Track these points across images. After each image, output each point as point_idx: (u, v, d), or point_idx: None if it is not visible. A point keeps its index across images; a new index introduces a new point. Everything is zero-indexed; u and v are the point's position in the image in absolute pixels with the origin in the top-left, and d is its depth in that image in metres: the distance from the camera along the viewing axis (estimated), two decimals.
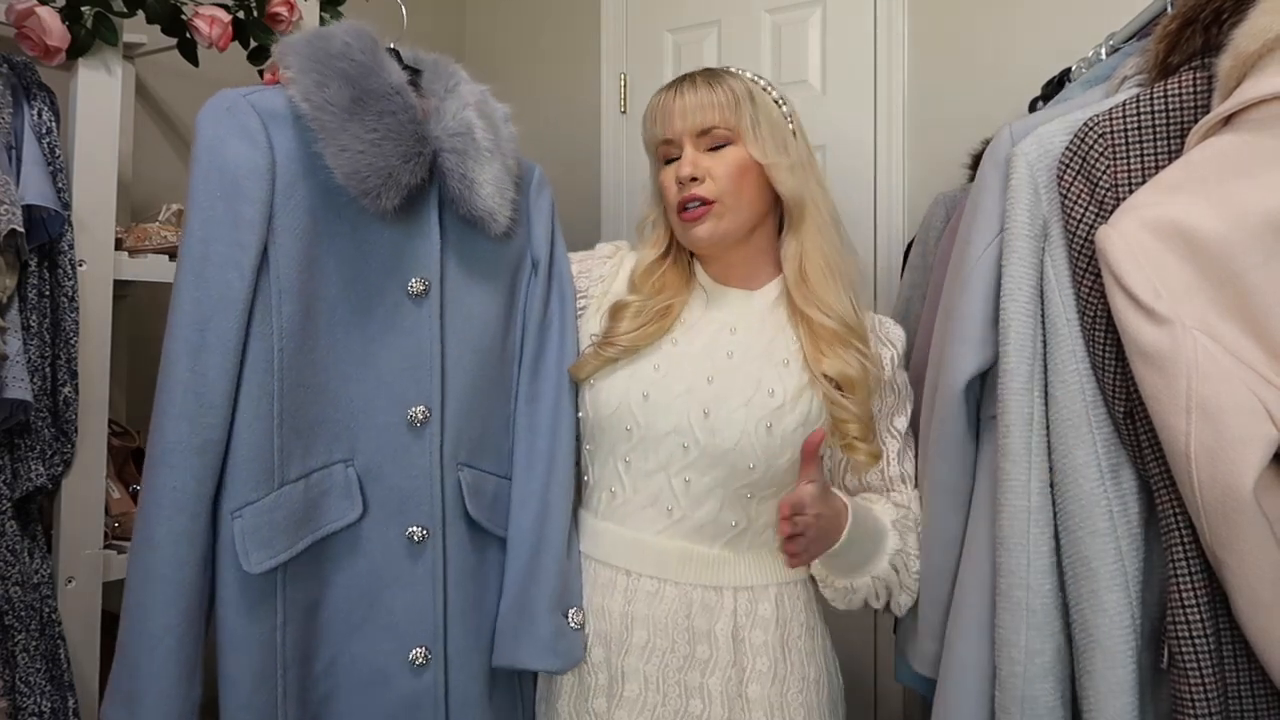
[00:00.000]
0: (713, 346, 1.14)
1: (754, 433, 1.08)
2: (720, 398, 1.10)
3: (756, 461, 1.08)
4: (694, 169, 1.11)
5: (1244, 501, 0.75)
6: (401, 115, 1.00)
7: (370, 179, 0.97)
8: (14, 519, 1.21)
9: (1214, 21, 0.85)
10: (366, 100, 0.98)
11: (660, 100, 1.17)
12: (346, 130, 0.97)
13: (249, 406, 0.96)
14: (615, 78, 2.30)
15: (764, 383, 1.10)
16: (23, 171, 1.22)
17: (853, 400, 1.08)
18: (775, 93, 1.17)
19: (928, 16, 1.92)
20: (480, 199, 1.06)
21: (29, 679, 1.19)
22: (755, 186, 1.13)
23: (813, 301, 1.11)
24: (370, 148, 0.97)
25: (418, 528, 1.05)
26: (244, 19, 1.48)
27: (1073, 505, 0.89)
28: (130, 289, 1.61)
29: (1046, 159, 0.92)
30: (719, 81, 1.13)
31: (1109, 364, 0.87)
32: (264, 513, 0.96)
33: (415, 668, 1.05)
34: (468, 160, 1.05)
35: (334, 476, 1.02)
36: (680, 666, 1.09)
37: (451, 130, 1.05)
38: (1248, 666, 0.82)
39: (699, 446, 1.09)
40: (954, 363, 0.98)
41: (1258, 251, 0.77)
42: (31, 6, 1.23)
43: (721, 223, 1.12)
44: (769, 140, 1.12)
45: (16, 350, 1.17)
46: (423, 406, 1.06)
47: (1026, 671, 0.91)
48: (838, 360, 1.08)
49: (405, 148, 1.00)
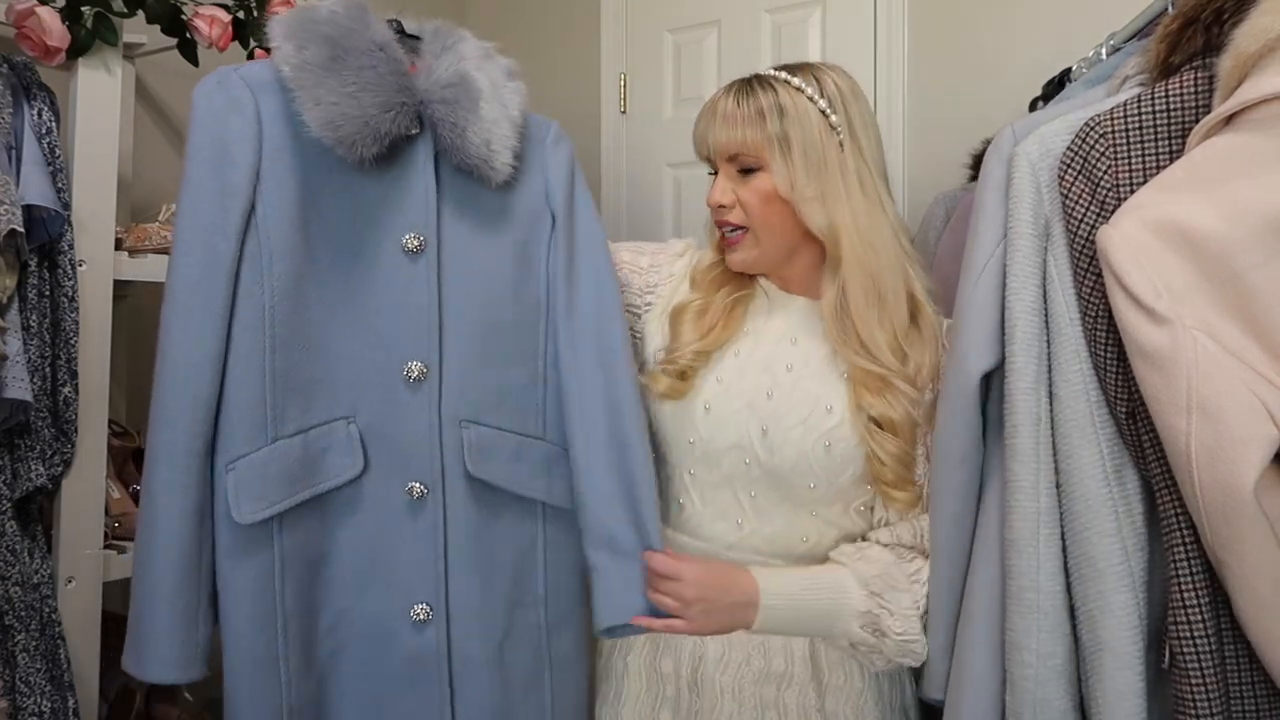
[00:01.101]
0: (772, 359, 1.10)
1: (812, 452, 1.05)
2: (778, 415, 1.07)
3: (817, 481, 1.06)
4: (723, 196, 1.09)
5: (1245, 502, 0.74)
6: (382, 69, 1.01)
7: (344, 127, 0.98)
8: (14, 519, 1.21)
9: (1215, 21, 0.85)
10: (345, 57, 1.00)
11: (701, 112, 1.12)
12: (323, 85, 0.99)
13: (239, 364, 0.98)
14: (615, 78, 2.30)
15: (822, 399, 1.06)
16: (23, 171, 1.22)
17: (891, 441, 1.03)
18: (823, 101, 1.07)
19: (928, 17, 1.93)
20: (472, 145, 1.05)
21: (29, 679, 1.19)
22: (784, 213, 1.08)
23: (851, 343, 1.05)
24: (345, 99, 0.99)
25: (418, 484, 1.05)
26: (244, 19, 1.48)
27: (1079, 506, 0.89)
28: (130, 289, 1.60)
29: (1049, 158, 0.92)
30: (750, 97, 1.07)
31: (1110, 364, 0.87)
32: (257, 466, 0.98)
33: (417, 624, 1.05)
34: (459, 109, 1.05)
35: (335, 433, 1.03)
36: (756, 680, 1.08)
37: (443, 81, 1.05)
38: (1249, 667, 0.82)
39: (759, 464, 1.07)
40: (965, 361, 0.97)
41: (1259, 251, 0.77)
42: (31, 6, 1.23)
43: (756, 250, 1.10)
44: (799, 167, 1.05)
45: (16, 350, 1.17)
46: (419, 363, 1.05)
47: (1039, 675, 0.90)
48: (880, 402, 1.03)
49: (384, 98, 1.00)
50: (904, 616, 1.02)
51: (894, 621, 1.02)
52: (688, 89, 2.20)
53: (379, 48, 1.02)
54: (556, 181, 1.15)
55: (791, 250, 1.11)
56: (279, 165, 1.01)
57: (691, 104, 2.16)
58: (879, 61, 1.96)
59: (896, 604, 1.02)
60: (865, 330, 1.05)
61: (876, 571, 1.03)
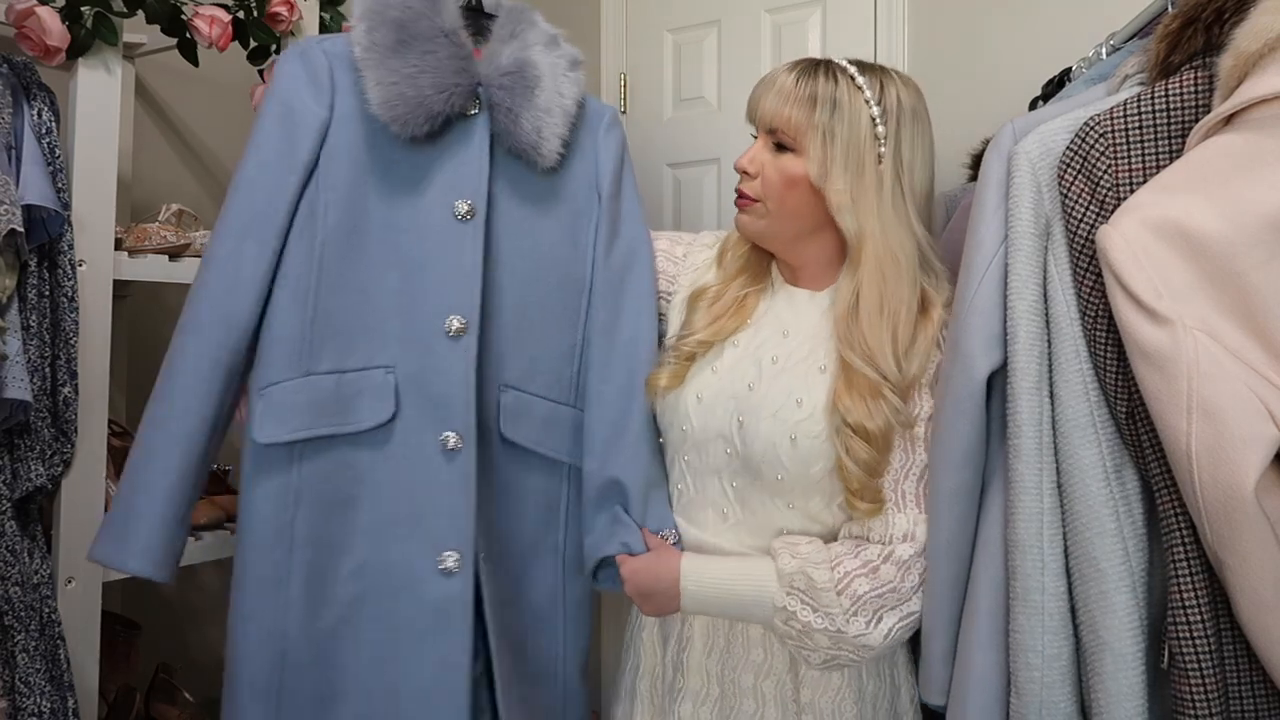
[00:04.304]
0: (761, 350, 1.12)
1: (779, 444, 1.06)
2: (755, 406, 1.09)
3: (785, 473, 1.06)
4: (750, 164, 1.11)
5: (1245, 502, 0.74)
6: (443, 54, 1.10)
7: (399, 106, 1.07)
8: (14, 519, 1.21)
9: (1215, 21, 0.85)
10: (411, 42, 1.09)
11: (763, 79, 1.12)
12: (385, 65, 1.08)
13: (284, 297, 1.08)
14: (615, 78, 2.30)
15: (794, 392, 1.08)
16: (23, 171, 1.22)
17: (864, 448, 1.02)
18: (877, 109, 1.06)
19: (927, 16, 1.92)
20: (524, 133, 1.14)
21: (29, 679, 1.19)
22: (804, 200, 1.08)
23: (854, 343, 1.05)
24: (404, 80, 1.07)
25: (453, 434, 1.10)
26: (244, 19, 1.48)
27: (1080, 506, 0.89)
28: (130, 289, 1.61)
29: (1049, 157, 0.92)
30: (810, 79, 1.07)
31: (1110, 364, 0.87)
32: (287, 394, 1.06)
33: (444, 572, 1.09)
34: (515, 96, 1.13)
35: (372, 379, 1.10)
36: (736, 666, 1.11)
37: (503, 69, 1.14)
38: (1248, 667, 0.82)
39: (738, 454, 1.10)
40: (969, 361, 0.96)
41: (1259, 251, 0.77)
42: (31, 6, 1.23)
43: (760, 222, 1.12)
44: (837, 162, 1.05)
45: (16, 350, 1.17)
46: (459, 317, 1.11)
47: (1045, 677, 0.90)
48: (861, 409, 1.02)
49: (440, 80, 1.09)
50: (826, 613, 1.01)
51: (815, 618, 1.01)
52: (688, 89, 2.19)
53: (444, 34, 1.11)
54: (606, 166, 1.22)
55: (799, 236, 1.12)
56: (347, 129, 1.11)
57: (691, 104, 2.16)
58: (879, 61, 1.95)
59: (819, 600, 1.01)
60: (872, 335, 1.04)
61: (795, 568, 1.03)
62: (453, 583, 1.09)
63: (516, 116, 1.13)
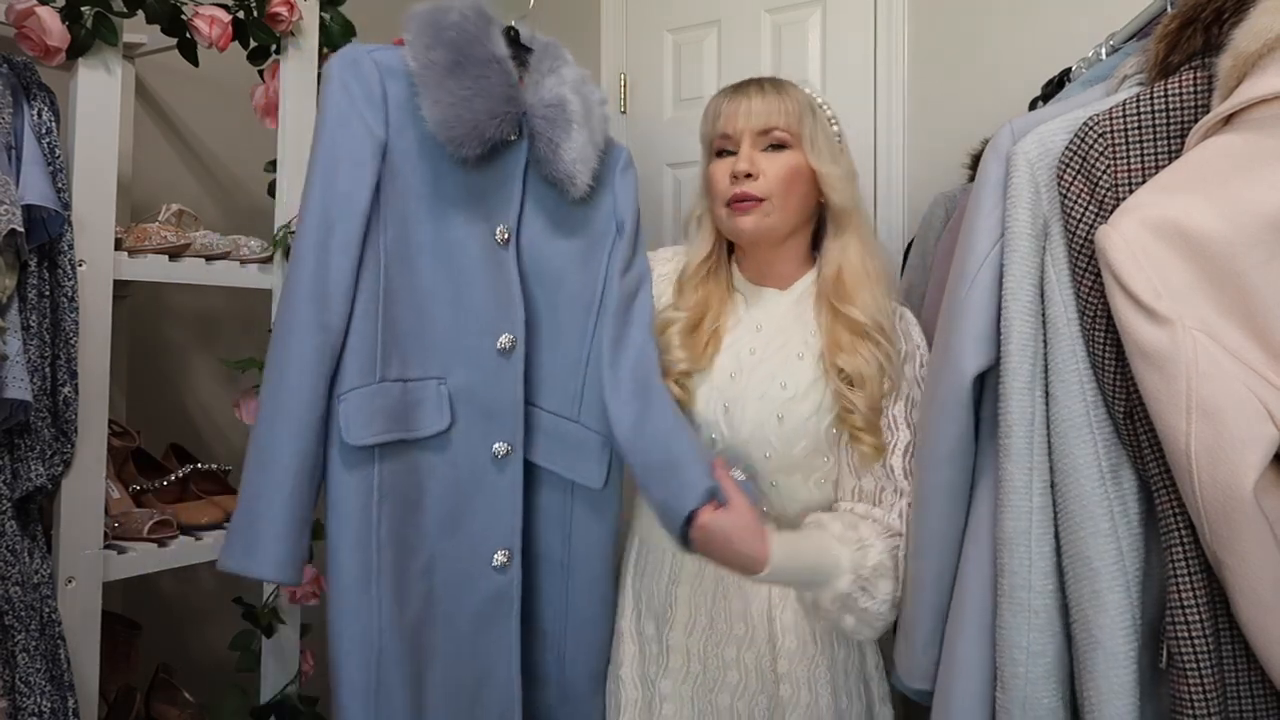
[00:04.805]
0: (738, 346, 1.22)
1: (767, 423, 1.16)
2: (739, 395, 1.18)
3: (772, 451, 1.16)
4: (750, 165, 1.17)
5: (1244, 502, 0.75)
6: (494, 80, 1.14)
7: (456, 128, 1.11)
8: (14, 519, 1.21)
9: (1214, 21, 0.85)
10: (466, 64, 1.13)
11: (726, 99, 1.22)
12: (443, 86, 1.11)
13: (361, 304, 1.11)
14: (615, 78, 2.30)
15: (778, 376, 1.18)
16: (23, 171, 1.22)
17: (861, 395, 1.12)
18: (830, 111, 1.23)
19: (928, 17, 1.92)
20: (563, 163, 1.19)
21: (29, 679, 1.19)
22: (803, 192, 1.19)
23: (847, 298, 1.16)
24: (461, 102, 1.11)
25: (502, 444, 1.18)
26: (244, 19, 1.48)
27: (1074, 505, 0.89)
28: (130, 289, 1.61)
29: (1047, 158, 0.92)
30: (785, 91, 1.20)
31: (1109, 364, 0.87)
32: (366, 398, 1.11)
33: (496, 567, 1.18)
34: (556, 128, 1.19)
35: (428, 389, 1.16)
36: (719, 642, 1.19)
37: (546, 101, 1.19)
38: (1247, 667, 0.82)
39: (724, 440, 1.18)
40: (958, 361, 0.97)
41: (1258, 251, 0.77)
42: (31, 6, 1.23)
43: (767, 219, 1.19)
44: (825, 152, 1.19)
45: (16, 350, 1.17)
46: (509, 335, 1.18)
47: (1029, 673, 0.91)
48: (855, 356, 1.13)
49: (493, 106, 1.13)
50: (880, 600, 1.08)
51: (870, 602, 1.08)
52: (688, 89, 2.20)
53: (495, 60, 1.15)
54: (626, 202, 1.30)
55: (793, 231, 1.22)
56: (402, 141, 1.14)
57: (691, 104, 2.16)
58: (879, 62, 1.96)
59: (877, 590, 1.08)
60: (855, 286, 1.17)
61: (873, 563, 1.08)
62: (505, 577, 1.19)
63: (557, 148, 1.19)
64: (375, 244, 1.12)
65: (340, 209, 1.10)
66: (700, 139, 1.28)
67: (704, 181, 1.26)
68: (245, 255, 1.52)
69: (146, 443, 1.60)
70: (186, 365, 1.89)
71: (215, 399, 1.91)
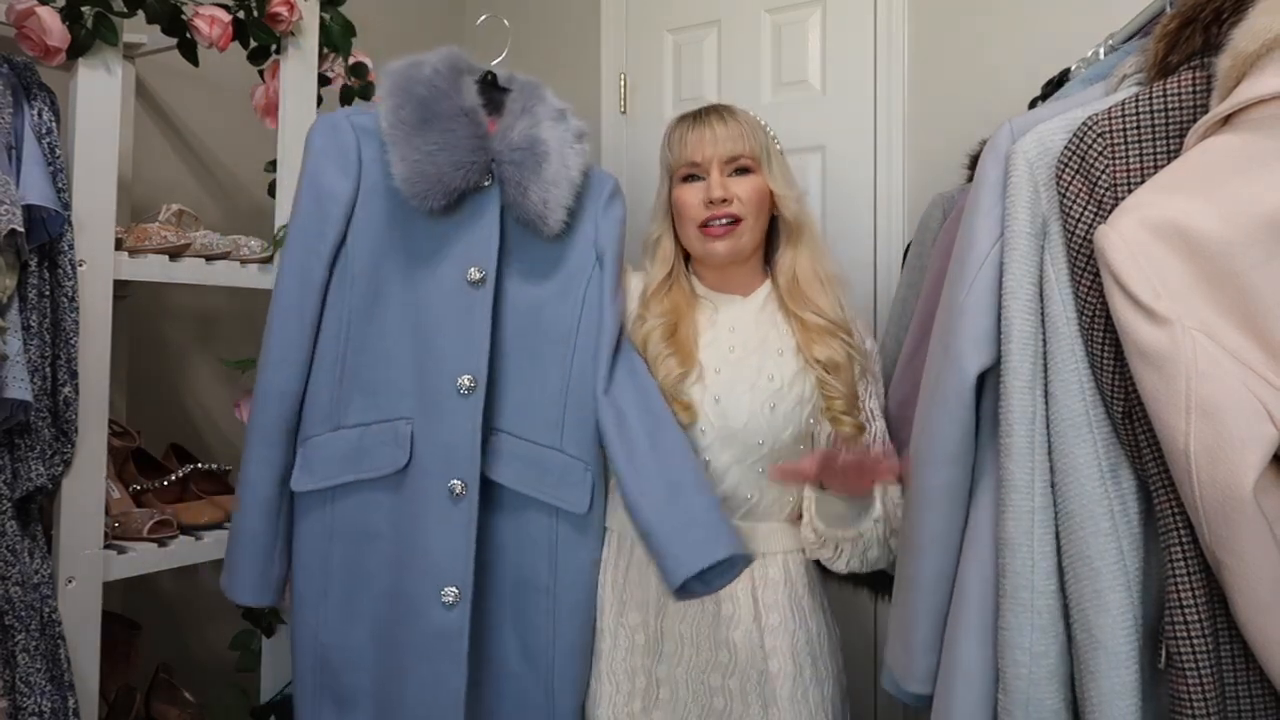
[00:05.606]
0: (716, 345, 1.30)
1: (760, 412, 1.25)
2: (727, 386, 1.27)
3: (764, 437, 1.25)
4: (725, 191, 1.27)
5: (1244, 502, 0.74)
6: (461, 132, 1.20)
7: (419, 184, 1.18)
8: (14, 519, 1.21)
9: (1213, 21, 0.85)
10: (433, 120, 1.19)
11: (689, 128, 1.31)
12: (410, 143, 1.18)
13: (320, 364, 1.22)
14: (615, 78, 2.30)
15: (764, 370, 1.27)
16: (23, 171, 1.22)
17: (839, 380, 1.26)
18: (774, 133, 1.35)
19: (928, 17, 1.92)
20: (532, 204, 1.23)
21: (29, 679, 1.19)
22: (766, 211, 1.32)
23: (803, 303, 1.30)
24: (425, 158, 1.18)
25: (458, 481, 1.20)
26: (244, 19, 1.48)
27: (1074, 505, 0.89)
28: (130, 289, 1.61)
29: (1046, 157, 0.92)
30: (741, 118, 1.31)
31: (1108, 364, 0.87)
32: (319, 447, 1.22)
33: (446, 605, 1.20)
34: (524, 171, 1.23)
35: (388, 431, 1.23)
36: (710, 624, 1.25)
37: (514, 145, 1.24)
38: (1246, 667, 0.82)
39: (714, 429, 1.26)
40: (960, 360, 0.97)
41: (1257, 251, 0.77)
42: (31, 6, 1.24)
43: (743, 239, 1.29)
44: (780, 174, 1.31)
45: (16, 350, 1.18)
46: (469, 376, 1.21)
47: (1032, 674, 0.91)
48: (826, 348, 1.27)
49: (458, 157, 1.19)
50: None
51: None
52: (688, 89, 2.19)
53: (464, 113, 1.21)
54: (608, 235, 1.33)
55: (757, 247, 1.34)
56: (372, 201, 1.22)
57: (692, 104, 2.16)
58: (879, 61, 1.96)
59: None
60: (811, 292, 1.30)
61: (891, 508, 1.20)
62: (452, 615, 1.19)
63: (525, 190, 1.23)
64: (339, 304, 1.22)
65: (301, 285, 1.21)
66: (661, 164, 1.36)
67: (665, 205, 1.34)
68: (245, 255, 1.52)
69: (146, 443, 1.60)
70: (186, 365, 1.89)
71: (215, 399, 1.91)
